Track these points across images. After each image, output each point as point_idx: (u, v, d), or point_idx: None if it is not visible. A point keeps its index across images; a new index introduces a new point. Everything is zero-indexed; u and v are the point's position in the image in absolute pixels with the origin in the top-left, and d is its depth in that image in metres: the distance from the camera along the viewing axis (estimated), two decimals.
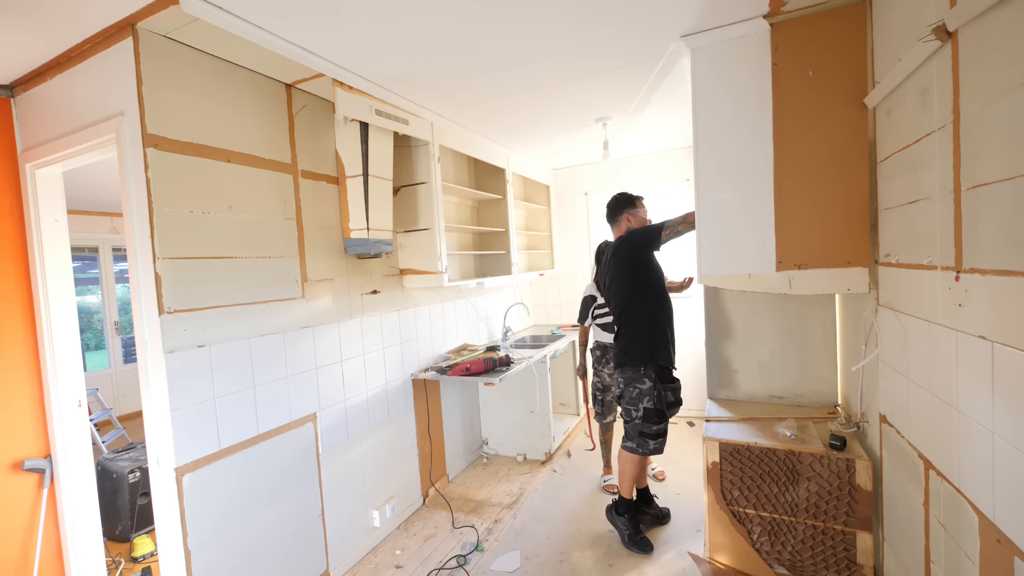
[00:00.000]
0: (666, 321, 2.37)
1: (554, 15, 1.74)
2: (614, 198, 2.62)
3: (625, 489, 2.46)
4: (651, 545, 2.38)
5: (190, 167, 1.74)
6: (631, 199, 2.59)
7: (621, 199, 2.60)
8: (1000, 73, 0.97)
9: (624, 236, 2.49)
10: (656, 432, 2.31)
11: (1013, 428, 0.97)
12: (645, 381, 2.30)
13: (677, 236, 2.32)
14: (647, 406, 2.29)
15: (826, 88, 1.79)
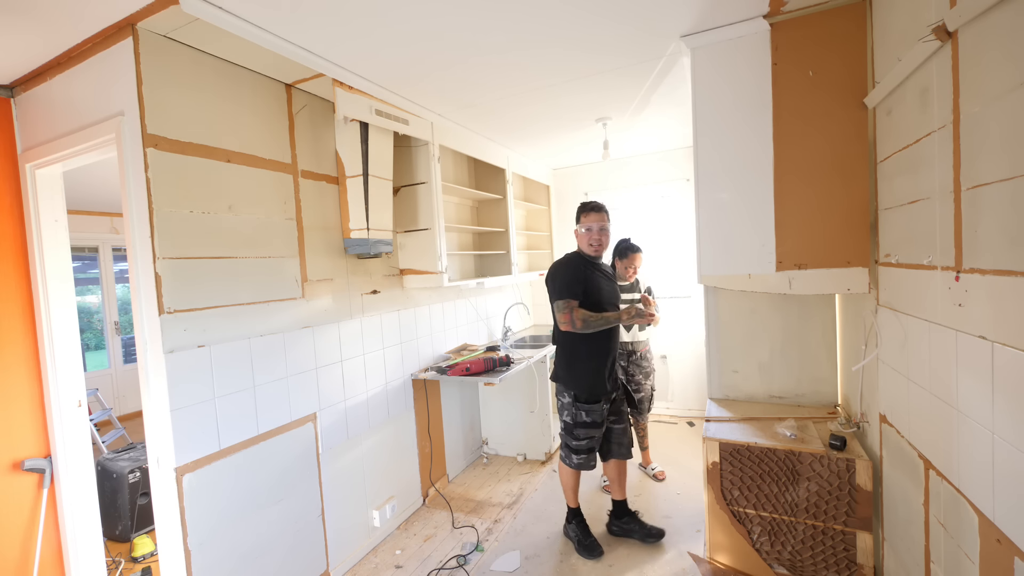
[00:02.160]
0: (592, 353, 2.26)
1: (555, 15, 1.74)
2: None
3: (568, 498, 2.50)
4: (600, 550, 2.37)
5: (190, 167, 1.74)
6: (579, 212, 2.35)
7: (578, 210, 2.38)
8: (1000, 73, 0.97)
9: (550, 269, 2.35)
10: (577, 448, 2.33)
11: (1013, 428, 0.97)
12: (565, 396, 2.34)
13: (583, 327, 2.15)
14: (566, 419, 2.36)
15: (826, 88, 1.79)
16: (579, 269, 2.23)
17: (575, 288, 2.17)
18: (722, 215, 1.99)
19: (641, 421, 3.14)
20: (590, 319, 2.10)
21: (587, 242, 2.26)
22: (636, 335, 3.02)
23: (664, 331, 4.07)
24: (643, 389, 3.06)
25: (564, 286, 2.19)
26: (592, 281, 2.22)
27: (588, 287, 2.19)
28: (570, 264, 2.23)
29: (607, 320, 2.14)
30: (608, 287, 2.28)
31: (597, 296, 2.21)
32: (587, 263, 2.26)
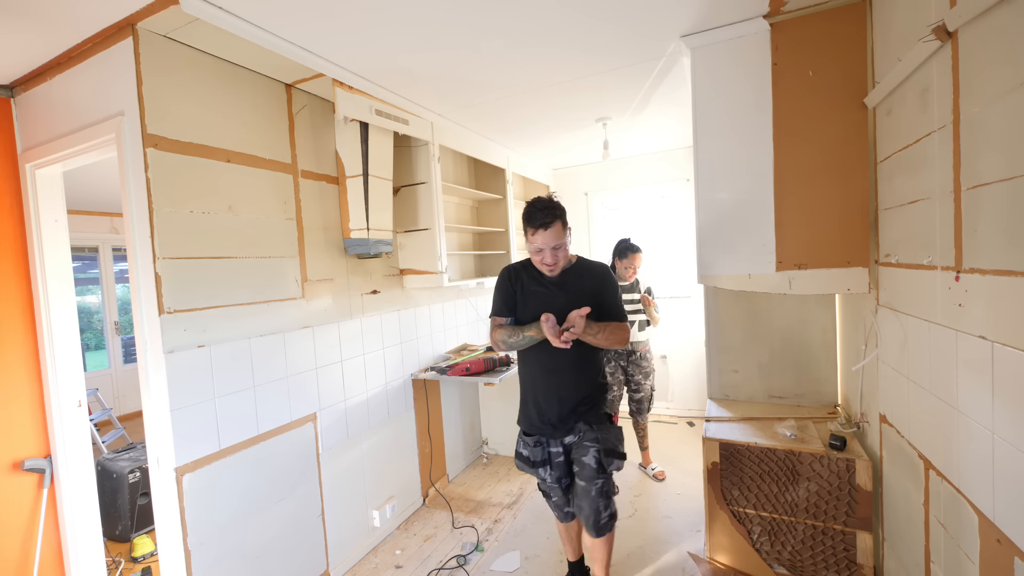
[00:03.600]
0: (524, 376, 1.89)
1: (555, 15, 1.74)
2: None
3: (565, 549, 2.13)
4: None
5: (190, 167, 1.74)
6: (523, 222, 1.84)
7: (522, 217, 1.95)
8: (1000, 73, 0.97)
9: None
10: (539, 487, 1.99)
11: (1013, 428, 0.97)
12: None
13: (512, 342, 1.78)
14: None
15: (826, 88, 1.79)
16: (510, 281, 1.84)
17: (501, 304, 1.85)
18: (722, 215, 1.99)
19: (641, 421, 3.14)
20: (507, 339, 1.76)
21: (537, 262, 1.77)
22: (636, 335, 3.02)
23: (664, 331, 4.07)
24: (643, 389, 3.06)
25: (494, 301, 1.89)
26: (529, 294, 1.80)
27: (523, 301, 1.82)
28: (501, 276, 1.88)
29: (527, 337, 1.73)
30: (548, 299, 1.77)
31: (530, 310, 1.78)
32: (524, 271, 1.84)
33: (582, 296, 1.73)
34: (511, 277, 1.85)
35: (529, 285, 1.81)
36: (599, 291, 1.78)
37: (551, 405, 1.80)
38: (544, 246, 1.70)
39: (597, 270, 1.84)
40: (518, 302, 1.82)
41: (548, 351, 1.74)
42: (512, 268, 1.87)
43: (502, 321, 1.83)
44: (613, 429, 1.85)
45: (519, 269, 1.86)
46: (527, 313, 1.79)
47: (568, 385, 1.80)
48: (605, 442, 1.79)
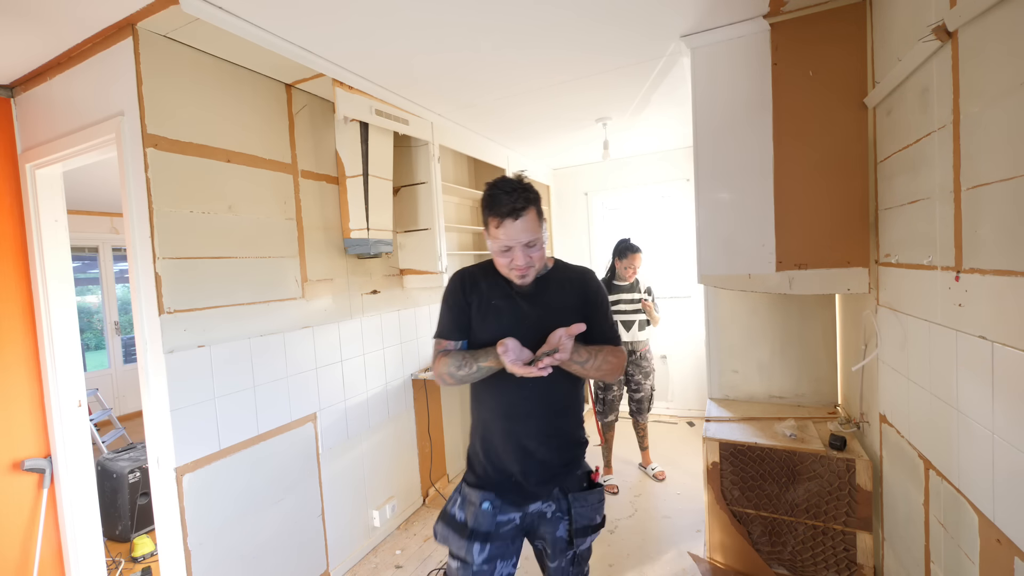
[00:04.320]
0: (487, 424, 1.33)
1: (555, 15, 1.74)
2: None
3: None
4: None
5: (190, 167, 1.74)
6: (483, 212, 1.34)
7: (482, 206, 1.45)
8: (1000, 73, 0.97)
9: None
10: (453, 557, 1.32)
11: (1013, 428, 0.97)
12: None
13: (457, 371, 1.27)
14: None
15: (826, 88, 1.78)
16: (463, 292, 1.33)
17: (450, 323, 1.33)
18: (722, 215, 1.99)
19: (641, 421, 3.14)
20: (456, 371, 1.26)
21: (503, 266, 1.28)
22: (636, 335, 3.02)
23: (664, 331, 4.07)
24: (643, 389, 3.06)
25: (440, 319, 1.37)
26: (490, 310, 1.31)
27: (481, 319, 1.31)
28: (451, 285, 1.36)
29: (484, 369, 1.24)
30: (516, 317, 1.28)
31: (490, 331, 1.28)
32: (482, 279, 1.34)
33: (563, 312, 1.27)
34: (465, 287, 1.33)
35: (490, 297, 1.30)
36: (586, 306, 1.32)
37: (517, 461, 1.28)
38: (513, 242, 1.20)
39: (582, 277, 1.37)
40: (474, 320, 1.31)
41: (511, 389, 1.26)
42: (466, 274, 1.36)
43: (450, 346, 1.32)
44: (593, 495, 1.33)
45: (476, 276, 1.34)
46: (487, 334, 1.27)
47: (542, 435, 1.28)
48: (580, 517, 1.30)
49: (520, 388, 1.26)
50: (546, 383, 1.24)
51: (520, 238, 1.21)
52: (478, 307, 1.31)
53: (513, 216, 1.19)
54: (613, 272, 3.07)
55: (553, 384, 1.26)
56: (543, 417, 1.29)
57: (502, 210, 1.19)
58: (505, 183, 1.22)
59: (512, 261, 1.23)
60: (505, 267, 1.26)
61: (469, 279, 1.35)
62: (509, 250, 1.22)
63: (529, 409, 1.28)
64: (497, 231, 1.21)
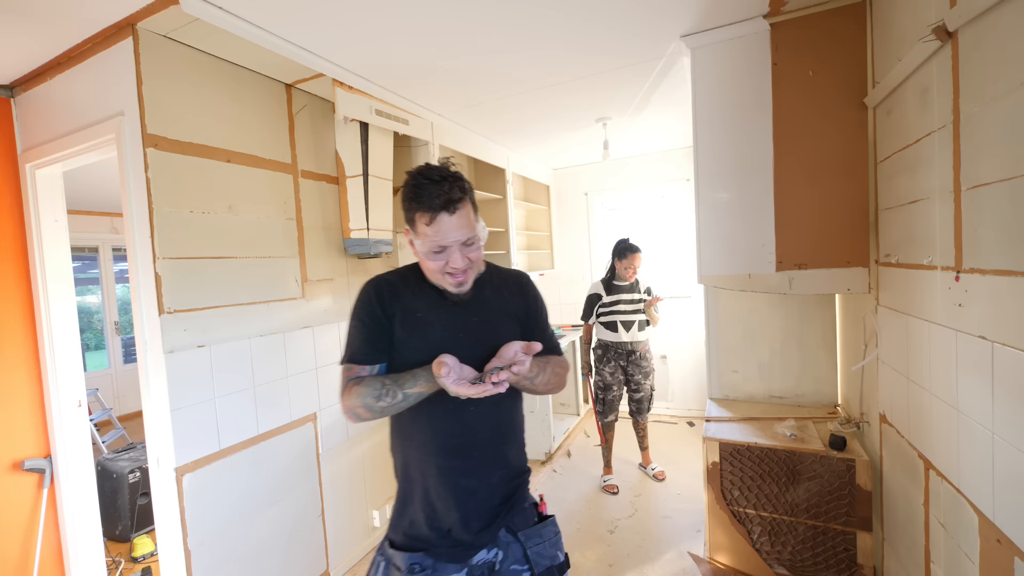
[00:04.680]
0: (421, 464, 1.08)
1: (555, 15, 1.74)
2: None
3: None
4: None
5: (190, 167, 1.74)
6: (407, 206, 1.11)
7: (405, 198, 1.14)
8: (1000, 73, 0.97)
9: None
10: None
11: (1013, 428, 0.97)
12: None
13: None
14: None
15: (826, 88, 1.78)
16: (380, 304, 1.08)
17: (363, 343, 1.08)
18: (722, 215, 1.99)
19: (641, 421, 3.14)
20: (376, 402, 1.00)
21: (435, 271, 1.05)
22: (636, 335, 3.02)
23: (664, 331, 4.07)
24: (643, 389, 3.06)
25: (348, 339, 1.11)
26: (417, 324, 1.07)
27: (406, 335, 1.07)
28: (363, 298, 1.10)
29: (413, 396, 1.01)
30: (452, 331, 1.08)
31: (420, 350, 1.05)
32: (404, 287, 1.11)
33: (504, 322, 1.12)
34: (382, 298, 1.08)
35: (416, 309, 1.08)
36: (527, 314, 1.17)
37: (457, 506, 1.05)
38: (449, 241, 0.99)
39: (519, 281, 1.21)
40: (397, 338, 1.07)
41: (448, 416, 1.05)
42: (383, 283, 1.11)
43: (364, 372, 1.05)
44: (547, 528, 1.15)
45: (395, 284, 1.11)
46: (416, 354, 1.04)
47: (486, 468, 1.08)
48: (540, 558, 1.10)
49: (459, 414, 1.06)
50: (491, 405, 1.06)
51: (456, 236, 0.99)
52: (402, 322, 1.07)
53: (448, 209, 0.98)
54: (613, 272, 3.07)
55: (498, 405, 1.08)
56: (488, 445, 1.09)
57: (434, 203, 0.97)
58: (432, 171, 1.00)
59: (447, 264, 1.02)
60: (437, 272, 1.04)
61: (388, 288, 1.10)
62: (443, 251, 1.01)
63: (471, 439, 1.07)
64: (428, 229, 0.99)
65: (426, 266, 1.06)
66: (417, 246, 1.04)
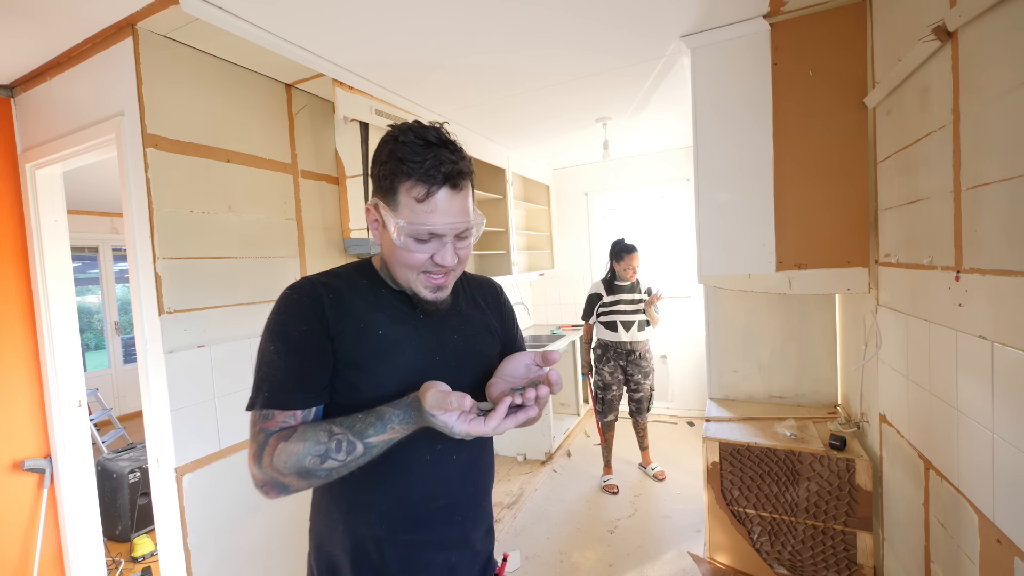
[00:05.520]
0: (375, 536, 0.79)
1: (554, 15, 1.74)
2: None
3: None
4: None
5: (190, 167, 1.74)
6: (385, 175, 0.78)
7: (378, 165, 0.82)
8: (1000, 73, 0.97)
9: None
10: None
11: (1013, 428, 0.97)
12: None
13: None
14: None
15: (826, 88, 1.79)
16: (316, 317, 0.79)
17: (291, 374, 0.76)
18: (722, 215, 1.99)
19: (641, 421, 3.14)
20: (320, 464, 0.69)
21: (412, 266, 0.78)
22: (636, 335, 3.02)
23: (664, 331, 4.07)
24: (643, 389, 3.06)
25: (261, 370, 0.79)
26: (376, 341, 0.79)
27: (363, 357, 0.78)
28: (287, 308, 0.82)
29: (379, 445, 0.71)
30: (425, 348, 0.82)
31: (385, 380, 0.78)
32: (352, 294, 0.82)
33: (487, 339, 0.91)
34: (321, 309, 0.79)
35: (375, 324, 0.79)
36: (505, 331, 0.97)
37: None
38: (445, 228, 0.74)
39: (491, 285, 1.01)
40: (345, 367, 0.78)
41: (429, 469, 0.80)
42: (319, 287, 0.81)
43: (292, 421, 0.75)
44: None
45: (339, 290, 0.81)
46: (376, 388, 0.77)
47: (470, 533, 0.86)
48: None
49: (438, 468, 0.80)
50: (476, 449, 0.85)
51: (455, 222, 0.74)
52: (356, 342, 0.77)
53: (452, 184, 0.73)
54: (613, 273, 3.07)
55: (483, 449, 0.87)
56: (473, 503, 0.85)
57: (434, 172, 0.71)
58: (428, 131, 0.74)
59: (432, 259, 0.76)
60: (413, 269, 0.77)
61: (329, 295, 0.79)
62: (431, 240, 0.75)
63: (454, 498, 0.82)
64: (419, 206, 0.72)
65: (398, 259, 0.77)
66: (393, 229, 0.74)
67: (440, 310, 0.83)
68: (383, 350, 0.79)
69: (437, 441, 0.79)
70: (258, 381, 0.77)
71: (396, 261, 0.79)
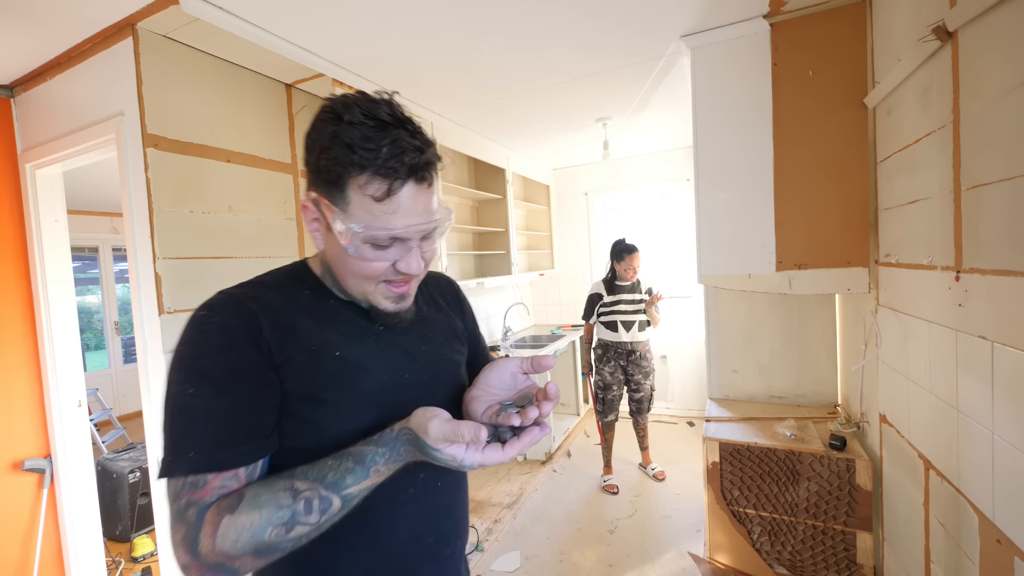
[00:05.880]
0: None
1: (555, 14, 1.74)
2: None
3: None
4: None
5: (190, 167, 1.74)
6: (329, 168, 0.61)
7: (316, 158, 0.63)
8: (1000, 73, 0.97)
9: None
10: None
11: (1013, 428, 0.97)
12: None
13: None
14: None
15: (826, 88, 1.78)
16: (248, 344, 0.59)
17: (225, 426, 0.57)
18: (722, 215, 1.99)
19: (641, 421, 3.14)
20: (283, 537, 0.54)
21: (372, 277, 0.63)
22: (636, 335, 3.02)
23: (664, 331, 4.07)
24: (643, 389, 3.06)
25: (180, 425, 0.57)
26: (331, 364, 0.63)
27: (319, 386, 0.62)
28: (209, 338, 0.60)
29: (357, 495, 0.57)
30: (390, 364, 0.68)
31: (351, 415, 0.63)
32: (292, 309, 0.65)
33: (455, 346, 0.80)
34: (256, 332, 0.61)
35: (329, 344, 0.65)
36: (468, 329, 0.86)
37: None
38: (411, 230, 0.61)
39: (453, 287, 0.90)
40: (291, 398, 0.61)
41: (412, 504, 0.68)
42: (249, 304, 0.63)
43: (235, 484, 0.57)
44: None
45: (275, 306, 0.64)
46: (340, 422, 0.62)
47: (458, 563, 0.78)
48: None
49: (422, 502, 0.69)
50: (460, 474, 0.76)
51: (422, 222, 0.61)
52: (308, 368, 0.62)
53: (419, 177, 0.60)
54: (614, 273, 3.07)
55: (462, 482, 0.78)
56: (458, 531, 0.77)
57: (396, 163, 0.58)
58: (379, 107, 0.61)
59: (395, 269, 0.64)
60: (371, 281, 0.64)
61: (265, 314, 0.62)
62: (392, 245, 0.61)
63: (442, 531, 0.73)
64: (378, 206, 0.58)
65: (351, 269, 0.63)
66: (346, 232, 0.58)
67: (404, 320, 0.70)
68: (343, 375, 0.63)
69: (420, 469, 0.65)
70: (174, 439, 0.56)
71: (347, 271, 0.63)
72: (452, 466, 0.56)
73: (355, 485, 0.56)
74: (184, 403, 0.57)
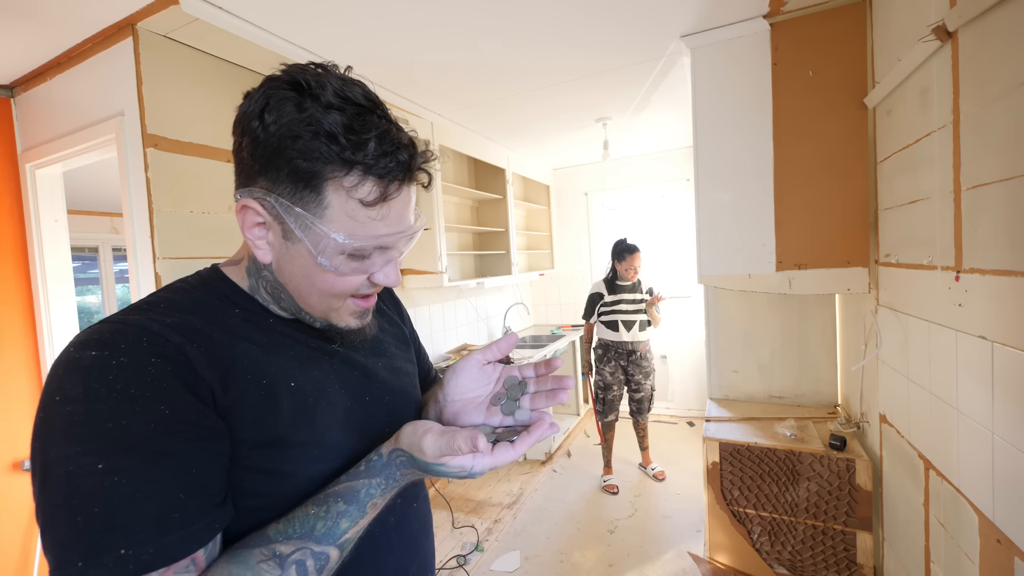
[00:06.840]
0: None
1: (554, 14, 1.74)
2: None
3: None
4: None
5: (190, 167, 1.74)
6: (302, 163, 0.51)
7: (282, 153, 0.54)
8: (1000, 73, 0.97)
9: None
10: None
11: (1013, 428, 0.97)
12: None
13: None
14: None
15: (826, 88, 1.79)
16: (184, 390, 0.45)
17: (168, 498, 0.42)
18: (722, 215, 1.99)
19: (641, 421, 3.14)
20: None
21: (339, 294, 0.54)
22: (637, 335, 3.02)
23: (664, 331, 4.07)
24: (643, 389, 3.06)
25: (96, 508, 0.39)
26: (290, 404, 0.52)
27: (290, 422, 0.52)
28: (130, 373, 0.43)
29: (346, 545, 0.49)
30: (351, 387, 0.60)
31: (308, 461, 0.52)
32: (228, 337, 0.51)
33: (408, 357, 0.74)
34: (184, 374, 0.45)
35: (277, 373, 0.53)
36: (411, 336, 0.81)
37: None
38: (393, 241, 0.53)
39: (391, 293, 0.84)
40: (245, 447, 0.49)
41: (395, 533, 0.63)
42: (165, 333, 0.46)
43: (191, 570, 0.44)
44: None
45: (208, 336, 0.50)
46: (306, 465, 0.52)
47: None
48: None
49: (401, 528, 0.64)
50: (427, 498, 0.72)
51: (409, 227, 0.54)
52: (264, 409, 0.51)
53: (411, 179, 0.53)
54: (615, 273, 3.07)
55: (427, 496, 0.73)
56: (433, 552, 0.73)
57: (393, 162, 0.49)
58: (352, 87, 0.53)
59: (370, 282, 0.56)
60: (342, 295, 0.55)
61: (196, 347, 0.48)
62: (374, 256, 0.54)
63: (423, 555, 0.69)
64: (369, 212, 0.50)
65: (318, 286, 0.53)
66: (324, 243, 0.50)
67: (368, 337, 0.61)
68: (306, 409, 0.53)
69: (396, 495, 0.56)
70: (82, 538, 0.39)
71: (312, 287, 0.53)
72: (461, 477, 0.51)
73: (352, 528, 0.49)
74: (91, 485, 0.40)
